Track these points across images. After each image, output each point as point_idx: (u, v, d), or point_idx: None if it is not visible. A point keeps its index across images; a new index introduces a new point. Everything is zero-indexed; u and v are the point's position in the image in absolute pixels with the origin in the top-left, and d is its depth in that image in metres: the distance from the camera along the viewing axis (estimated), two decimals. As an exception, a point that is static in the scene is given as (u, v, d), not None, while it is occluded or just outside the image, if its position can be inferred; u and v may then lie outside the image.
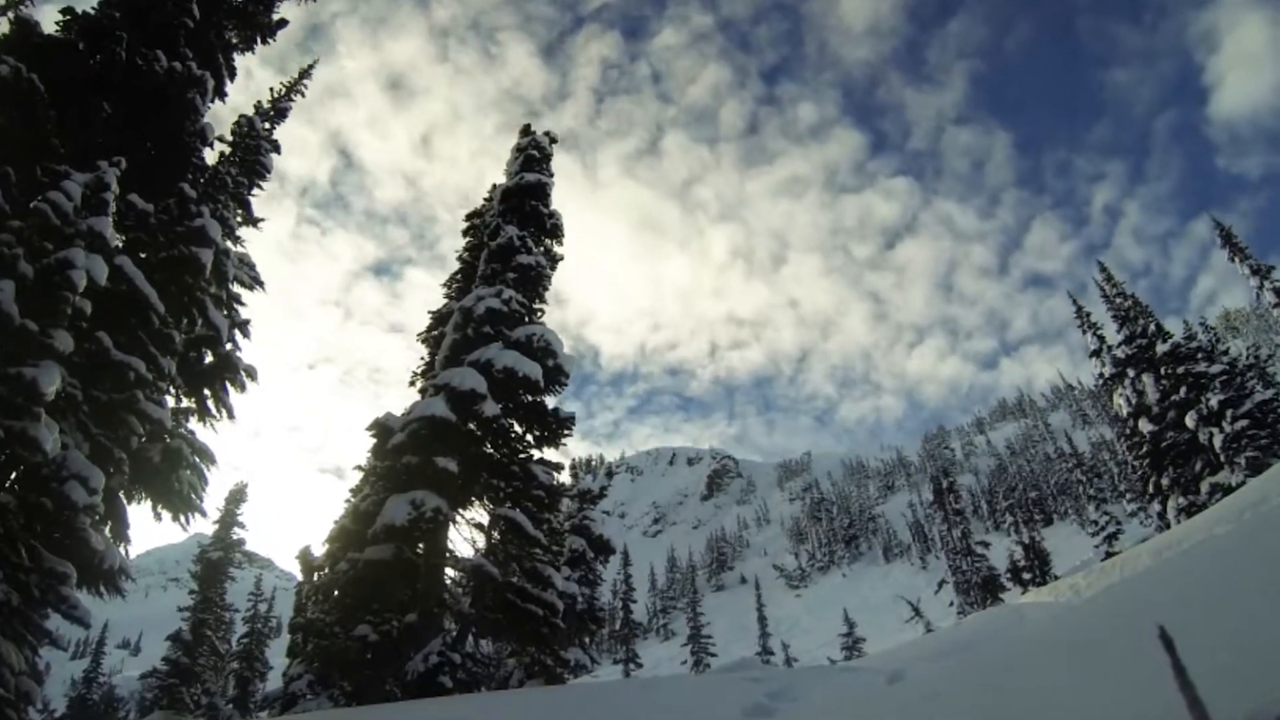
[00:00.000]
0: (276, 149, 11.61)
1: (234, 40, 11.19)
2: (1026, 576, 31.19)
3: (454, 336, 12.14)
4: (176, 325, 8.96)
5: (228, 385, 10.41)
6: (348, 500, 13.81)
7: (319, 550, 12.20)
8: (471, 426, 11.14)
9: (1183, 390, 25.41)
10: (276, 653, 22.85)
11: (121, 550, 8.44)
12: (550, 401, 12.39)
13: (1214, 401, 24.09)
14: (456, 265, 16.10)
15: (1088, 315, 30.00)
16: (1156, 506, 26.73)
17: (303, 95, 12.37)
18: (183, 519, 9.47)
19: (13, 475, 7.39)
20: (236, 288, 10.80)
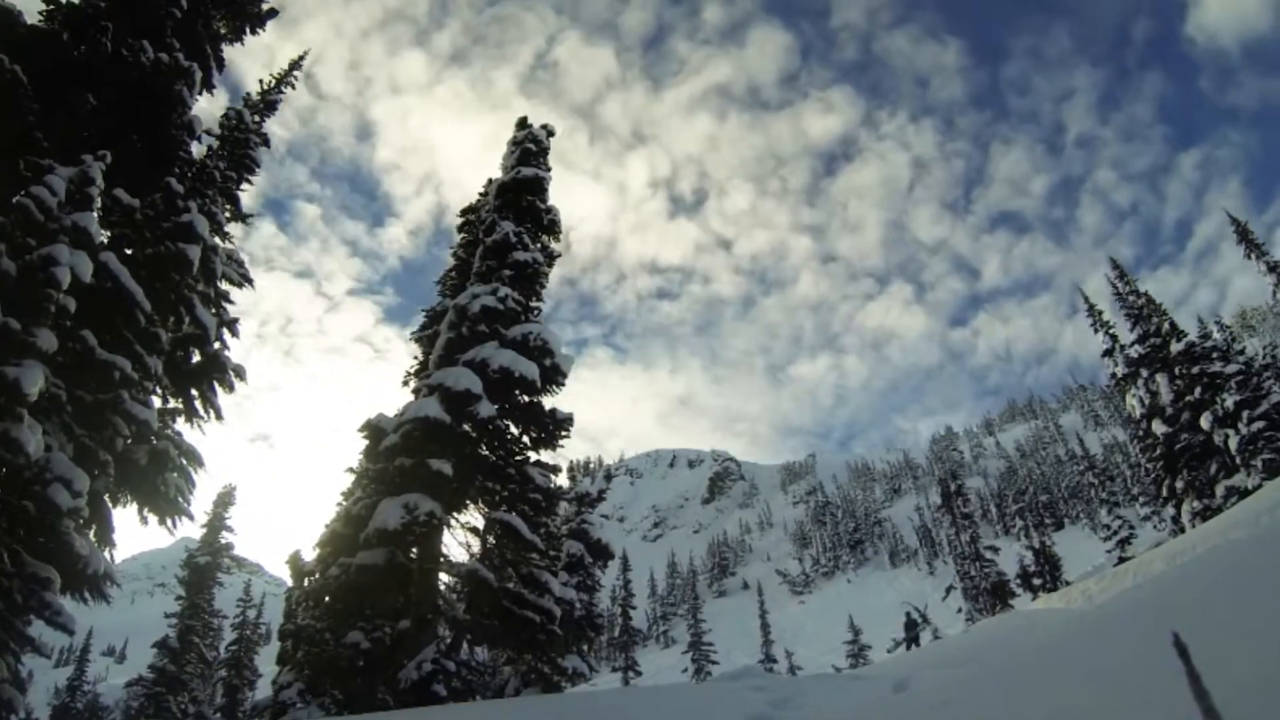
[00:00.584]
0: (266, 143, 11.61)
1: (222, 30, 11.18)
2: (1037, 582, 31.23)
3: (448, 335, 12.14)
4: (163, 324, 8.95)
5: (216, 385, 10.40)
6: (339, 504, 13.80)
7: (309, 555, 12.21)
8: (466, 428, 11.14)
9: (1197, 390, 25.42)
10: (266, 660, 22.87)
11: (106, 555, 8.43)
12: (547, 402, 12.39)
13: (1230, 402, 24.09)
14: (451, 262, 16.11)
15: (1100, 313, 30.02)
16: (1170, 510, 26.76)
17: (292, 88, 12.36)
18: (169, 523, 9.47)
19: (-6, 478, 7.39)
20: (225, 285, 10.80)
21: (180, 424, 10.28)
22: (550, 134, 14.69)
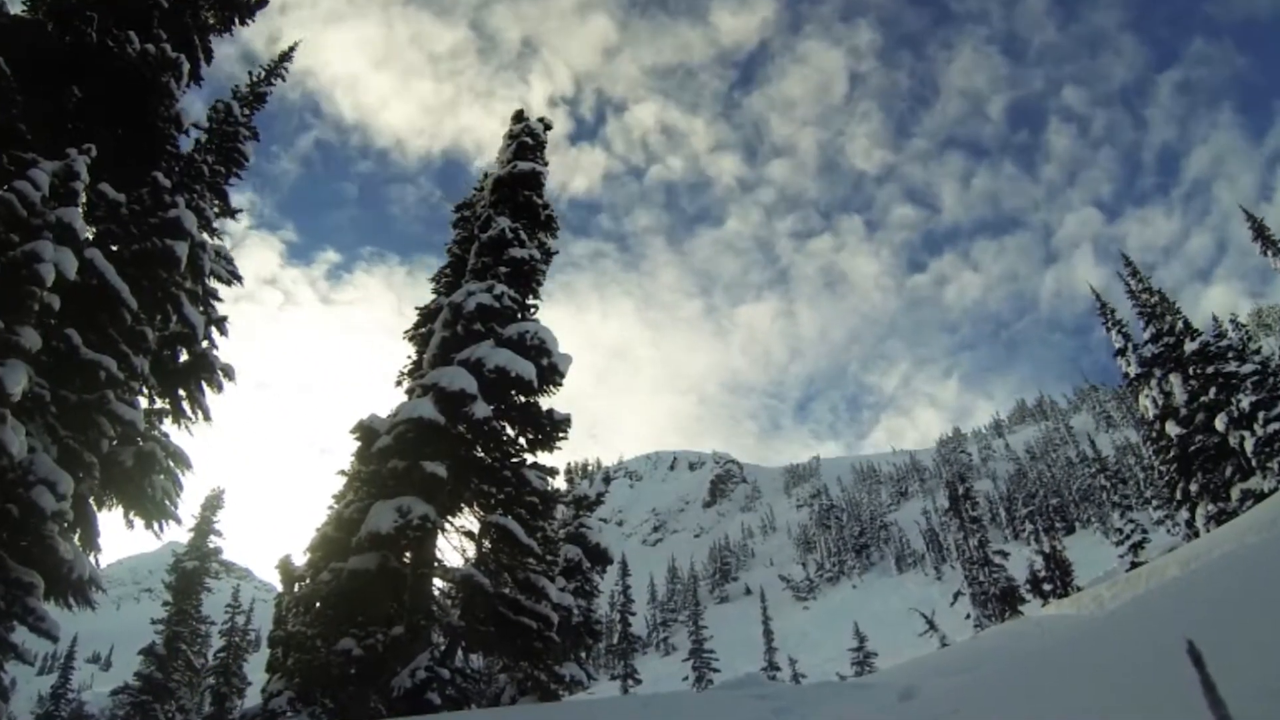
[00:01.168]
0: (255, 136, 11.61)
1: (210, 21, 11.18)
2: (1047, 588, 31.20)
3: (443, 334, 12.13)
4: (150, 322, 8.95)
5: (204, 385, 10.41)
6: (330, 507, 13.80)
7: (300, 560, 12.21)
8: (461, 429, 11.13)
9: (1212, 391, 25.44)
10: (255, 668, 22.86)
11: (91, 559, 8.43)
12: (544, 403, 12.39)
13: (1245, 403, 24.11)
14: (446, 259, 16.11)
15: (1112, 312, 30.04)
16: (1184, 514, 26.79)
17: (283, 79, 12.36)
18: (156, 526, 9.47)
19: (-23, 480, 7.39)
20: (213, 282, 10.80)
21: (167, 425, 10.29)
22: (548, 127, 14.69)
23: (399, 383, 15.14)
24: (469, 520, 12.09)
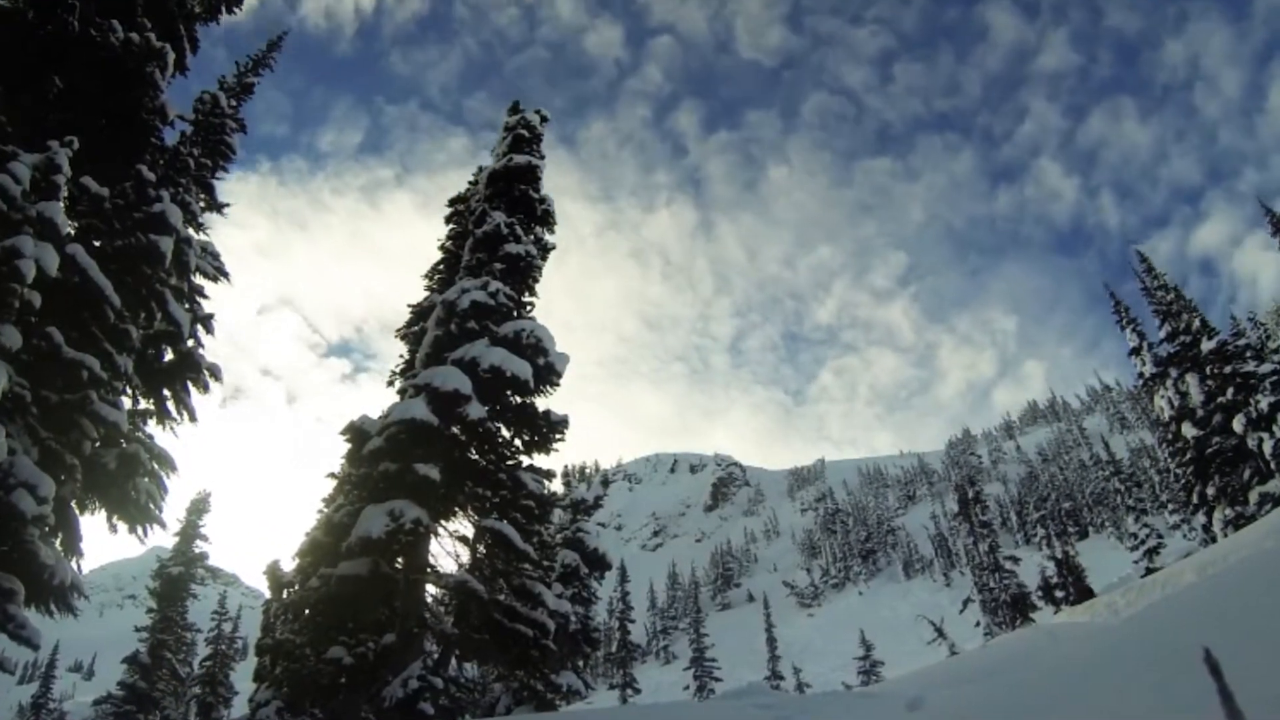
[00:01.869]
0: (242, 128, 11.61)
1: (196, 9, 11.16)
2: (1060, 594, 31.22)
3: (436, 332, 12.13)
4: (134, 320, 8.95)
5: (189, 385, 10.40)
6: (320, 511, 13.81)
7: (288, 565, 12.22)
8: (455, 430, 11.13)
9: (1230, 392, 25.45)
10: (242, 676, 22.86)
11: (73, 565, 8.43)
12: (541, 403, 12.39)
13: (1264, 404, 24.12)
14: (439, 255, 16.11)
15: (1126, 310, 30.05)
16: (1201, 518, 26.80)
17: (270, 69, 12.35)
18: (140, 530, 9.46)
19: (-45, 483, 7.38)
20: (199, 279, 10.80)
21: (152, 426, 10.29)
22: (544, 119, 14.69)
23: (391, 382, 15.15)
24: (463, 525, 12.09)
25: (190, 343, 10.35)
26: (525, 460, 12.20)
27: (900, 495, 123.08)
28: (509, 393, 11.78)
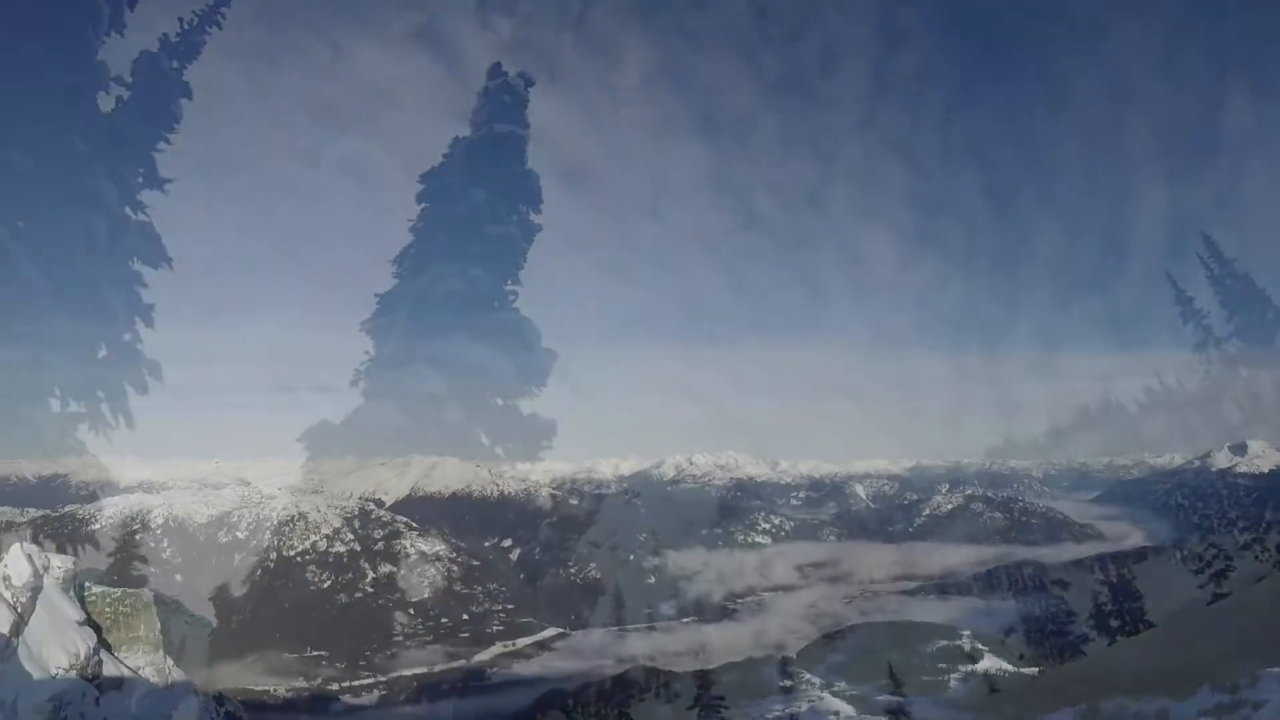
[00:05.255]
0: (187, 93, 11.58)
1: (134, -43, 11.10)
2: (1114, 624, 31.17)
3: (408, 325, 12.12)
4: (64, 311, 8.93)
5: (126, 385, 10.38)
6: (278, 526, 13.79)
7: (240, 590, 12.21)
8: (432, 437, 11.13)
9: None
10: None
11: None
12: (525, 406, 12.40)
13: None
14: (409, 237, 16.07)
15: (1191, 301, 30.00)
16: (1276, 537, 26.75)
17: (219, 26, 12.30)
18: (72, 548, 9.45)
19: None
20: (138, 265, 10.77)
21: (83, 433, 10.27)
22: (529, 84, 14.64)
23: (355, 383, 15.14)
24: (436, 543, 12.09)
25: (127, 336, 10.34)
26: (508, 470, 12.21)
27: (931, 508, 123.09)
28: (490, 394, 11.78)
